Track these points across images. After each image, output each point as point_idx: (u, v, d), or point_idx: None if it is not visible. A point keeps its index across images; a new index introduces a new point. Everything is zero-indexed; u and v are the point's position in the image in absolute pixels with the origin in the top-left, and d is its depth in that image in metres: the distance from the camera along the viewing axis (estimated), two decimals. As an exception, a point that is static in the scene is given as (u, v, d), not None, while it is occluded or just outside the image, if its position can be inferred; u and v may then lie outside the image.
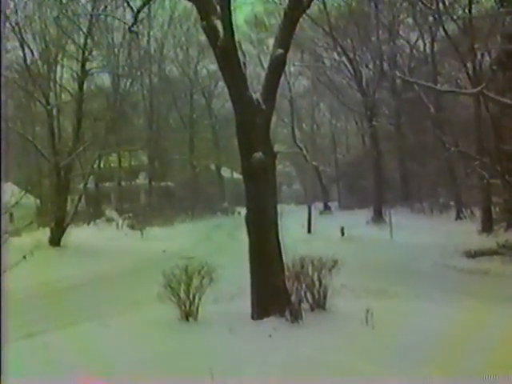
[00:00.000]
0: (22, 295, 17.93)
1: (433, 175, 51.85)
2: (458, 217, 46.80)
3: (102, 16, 41.78)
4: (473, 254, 28.48)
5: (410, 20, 52.57)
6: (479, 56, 42.44)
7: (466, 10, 41.81)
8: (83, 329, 13.09)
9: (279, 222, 13.84)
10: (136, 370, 9.39)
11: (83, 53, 39.81)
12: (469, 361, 9.27)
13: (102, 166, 58.42)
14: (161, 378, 8.92)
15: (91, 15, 38.85)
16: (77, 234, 37.48)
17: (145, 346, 11.03)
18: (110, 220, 51.78)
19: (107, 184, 63.44)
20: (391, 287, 18.16)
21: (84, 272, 25.65)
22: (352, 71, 56.41)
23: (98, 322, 13.45)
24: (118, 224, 49.26)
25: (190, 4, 23.38)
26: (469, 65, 42.02)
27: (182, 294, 12.82)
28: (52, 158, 37.06)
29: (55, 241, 35.37)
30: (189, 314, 12.87)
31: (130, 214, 52.89)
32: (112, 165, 62.76)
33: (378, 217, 51.02)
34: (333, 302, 13.34)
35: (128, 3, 21.76)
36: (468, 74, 42.03)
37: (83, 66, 40.27)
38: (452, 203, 49.84)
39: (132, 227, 47.87)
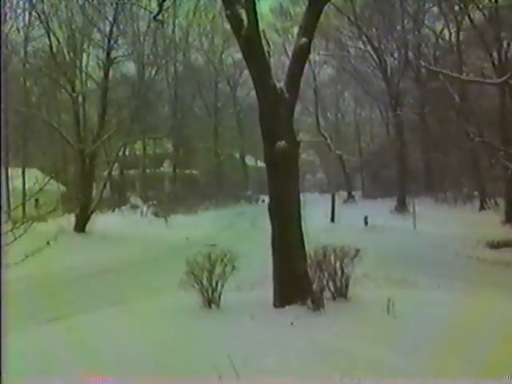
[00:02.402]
0: (48, 280, 18.16)
1: (457, 165, 51.64)
2: (482, 207, 46.57)
3: (128, 5, 41.88)
4: (496, 245, 28.40)
5: (436, 9, 52.29)
6: (505, 45, 42.20)
7: (493, 0, 41.54)
8: (107, 314, 13.25)
9: (302, 211, 13.87)
10: (156, 355, 9.50)
11: (108, 41, 40.00)
12: (487, 351, 9.31)
13: (126, 153, 58.69)
14: (181, 364, 9.01)
15: (116, 4, 39.02)
16: (102, 221, 37.77)
17: (166, 331, 11.13)
18: (134, 207, 52.00)
19: (132, 171, 63.70)
20: (413, 277, 18.20)
21: (108, 258, 25.87)
22: (377, 60, 56.26)
23: (122, 307, 13.62)
24: (142, 211, 49.49)
25: (215, -7, 23.44)
26: (494, 54, 41.82)
27: (205, 281, 12.91)
28: (77, 145, 37.29)
29: (80, 227, 35.66)
30: (211, 301, 12.97)
31: (155, 202, 53.12)
32: (137, 152, 63.06)
33: (402, 206, 50.93)
34: (354, 291, 13.39)
35: (153, -8, 21.89)
36: (493, 63, 41.86)
37: (108, 54, 40.44)
38: (476, 194, 49.59)
39: (156, 214, 48.10)
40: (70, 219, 36.14)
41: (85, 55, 44.06)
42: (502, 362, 8.77)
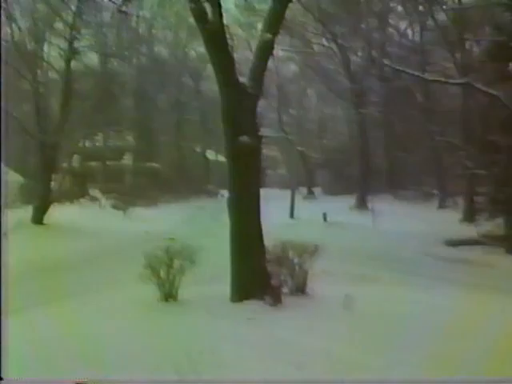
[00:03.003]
0: (3, 273, 17.93)
1: (418, 164, 52.07)
2: (441, 206, 47.08)
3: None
4: (454, 243, 28.77)
5: (400, 8, 52.62)
6: (468, 46, 42.62)
7: (456, 1, 41.98)
8: (63, 306, 13.14)
9: (262, 206, 13.87)
10: (111, 348, 9.44)
11: (71, 31, 39.58)
12: (444, 344, 9.41)
13: (87, 145, 58.26)
14: (137, 358, 8.95)
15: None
16: (60, 213, 37.40)
17: (122, 324, 11.09)
18: (93, 199, 51.60)
19: (92, 163, 63.20)
20: (371, 273, 18.36)
21: (66, 251, 25.64)
22: (341, 58, 56.34)
23: (78, 300, 13.51)
24: (101, 203, 49.15)
25: (179, -15, 23.34)
26: (457, 55, 42.21)
27: (163, 275, 12.87)
28: (37, 136, 36.91)
29: (38, 219, 35.27)
30: (168, 295, 12.92)
31: (114, 194, 52.77)
32: (98, 144, 62.59)
33: (362, 203, 51.15)
34: (313, 287, 13.43)
35: (117, -17, 21.68)
36: (456, 64, 42.22)
37: (71, 44, 40.02)
38: (436, 192, 50.08)
39: (115, 207, 47.77)
40: (29, 211, 35.75)
41: (47, 45, 43.68)
42: (457, 355, 8.88)
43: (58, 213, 36.96)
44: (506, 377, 7.99)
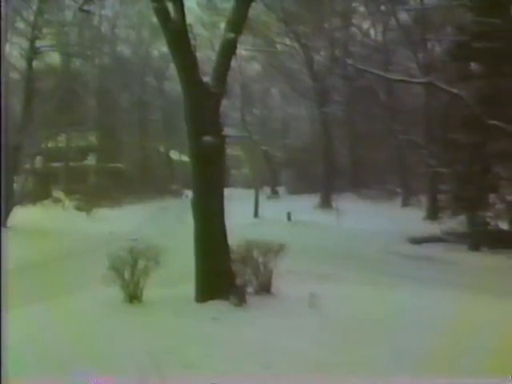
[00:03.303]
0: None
1: (381, 162, 52.39)
2: (405, 204, 47.45)
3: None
4: (417, 241, 29.05)
5: (363, 8, 52.90)
6: (430, 46, 43.03)
7: (419, 1, 42.35)
8: (27, 310, 13.00)
9: (226, 206, 13.86)
10: (75, 350, 9.35)
11: (33, 30, 39.27)
12: (409, 341, 9.49)
13: (50, 146, 57.75)
14: (101, 360, 8.88)
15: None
16: (23, 215, 37.06)
17: (86, 327, 10.99)
18: (56, 201, 51.23)
19: (55, 164, 62.66)
20: (335, 271, 18.41)
21: (29, 253, 25.34)
22: (304, 57, 56.44)
23: (42, 303, 13.38)
24: (64, 205, 48.80)
25: (142, -16, 23.27)
26: (420, 55, 42.59)
27: (127, 276, 12.79)
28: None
29: (0, 221, 34.91)
30: (133, 296, 12.84)
31: (78, 195, 52.40)
32: (61, 145, 62.08)
33: (326, 202, 51.32)
34: (277, 286, 13.45)
35: (79, -19, 21.55)
36: (419, 63, 42.60)
37: (32, 43, 39.72)
38: (399, 190, 50.46)
39: (79, 208, 47.47)
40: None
41: (8, 44, 43.20)
42: (422, 351, 8.95)
43: (21, 215, 36.62)
44: (463, 373, 8.07)
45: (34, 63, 41.51)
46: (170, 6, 12.89)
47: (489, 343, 9.30)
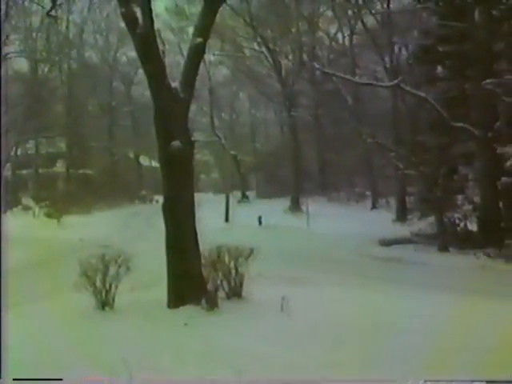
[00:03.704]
0: None
1: (350, 165, 52.64)
2: (374, 206, 47.77)
3: (20, -1, 41.01)
4: (387, 242, 29.30)
5: (330, 13, 53.18)
6: (397, 50, 43.40)
7: (385, 5, 42.72)
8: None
9: (197, 211, 13.88)
10: (46, 358, 9.33)
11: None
12: (379, 343, 9.58)
13: (18, 152, 57.46)
14: (72, 367, 8.86)
15: (8, -2, 38.13)
16: (-8, 223, 36.76)
17: (57, 334, 10.93)
18: (26, 208, 50.93)
19: (24, 171, 62.29)
20: (307, 275, 18.45)
21: (-2, 260, 25.17)
22: (272, 62, 56.60)
23: (12, 310, 13.30)
24: (34, 212, 48.50)
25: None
26: (386, 58, 42.96)
27: (98, 283, 12.76)
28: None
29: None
30: (105, 302, 12.82)
31: (47, 202, 52.08)
32: (29, 152, 61.77)
33: (296, 206, 51.49)
34: (249, 290, 13.47)
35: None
36: (385, 67, 43.01)
37: (-1, 50, 39.47)
38: (368, 193, 50.76)
39: (49, 215, 47.17)
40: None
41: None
42: (393, 352, 9.03)
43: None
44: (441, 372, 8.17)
45: (2, 69, 41.18)
46: (138, 12, 12.90)
47: (459, 342, 9.43)
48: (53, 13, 21.14)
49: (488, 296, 14.18)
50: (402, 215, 39.26)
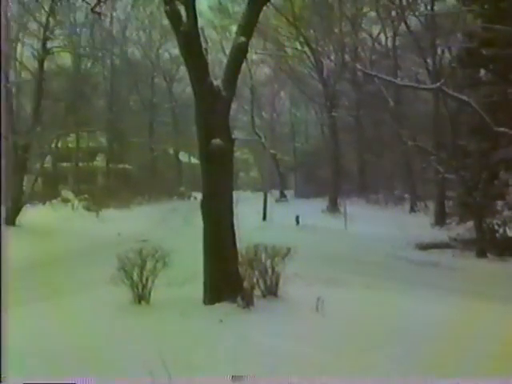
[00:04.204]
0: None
1: (389, 168, 52.44)
2: (412, 209, 47.46)
3: (65, -5, 41.36)
4: (424, 247, 29.11)
5: (373, 13, 52.94)
6: (440, 52, 43.08)
7: (429, 7, 42.48)
8: (35, 308, 13.09)
9: (235, 209, 13.90)
10: (83, 350, 9.43)
11: (44, 31, 39.39)
12: (413, 347, 9.56)
13: (59, 146, 57.97)
14: (109, 361, 8.95)
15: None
16: (32, 214, 37.20)
17: (94, 327, 11.05)
18: (65, 201, 51.31)
19: (65, 164, 62.88)
20: (343, 276, 18.40)
21: (38, 252, 25.43)
22: (314, 62, 56.55)
23: (51, 302, 13.46)
24: (73, 205, 48.93)
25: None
26: (429, 60, 42.69)
27: (135, 277, 12.85)
28: (10, 137, 36.69)
29: (11, 220, 35.06)
30: (141, 297, 12.91)
31: (86, 196, 52.52)
32: (70, 145, 62.35)
33: (334, 206, 51.38)
34: (285, 290, 13.47)
35: (91, -17, 21.59)
36: (428, 69, 42.75)
37: (44, 44, 39.84)
38: (407, 196, 50.47)
39: (88, 208, 47.58)
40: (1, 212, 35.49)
41: (20, 45, 43.45)
42: (426, 358, 9.01)
43: (30, 214, 36.76)
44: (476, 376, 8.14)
45: (45, 64, 41.63)
46: (182, 9, 12.97)
47: (492, 349, 9.38)
48: (97, 9, 21.30)
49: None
50: (440, 219, 38.97)
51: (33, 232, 32.82)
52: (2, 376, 7.54)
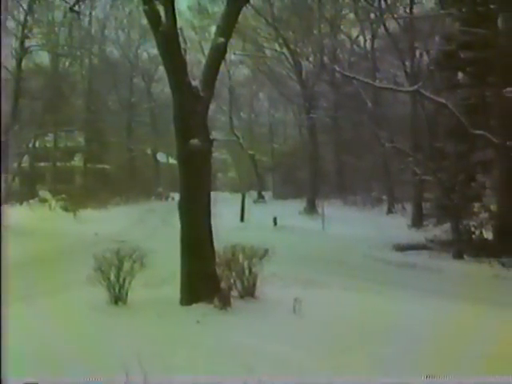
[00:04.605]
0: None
1: (367, 169, 52.58)
2: (390, 211, 47.62)
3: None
4: (402, 248, 29.20)
5: (352, 15, 53.14)
6: (418, 55, 43.31)
7: (407, 10, 42.72)
8: (10, 309, 13.00)
9: (213, 210, 13.92)
10: (59, 351, 9.40)
11: (23, 30, 39.23)
12: (389, 348, 9.61)
13: (37, 145, 57.70)
14: (85, 362, 8.92)
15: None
16: (9, 214, 36.94)
17: (70, 327, 11.01)
18: (43, 201, 51.06)
19: (42, 164, 62.56)
20: (320, 277, 18.41)
21: (14, 253, 25.24)
22: (292, 63, 56.61)
23: (24, 303, 13.38)
24: (50, 205, 48.67)
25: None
26: (407, 63, 42.89)
27: (112, 278, 12.84)
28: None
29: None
30: (118, 297, 12.90)
31: (64, 196, 52.25)
32: (48, 145, 62.03)
33: (311, 208, 51.43)
34: (262, 290, 13.52)
35: (70, -18, 21.50)
36: (406, 71, 42.94)
37: (22, 43, 39.69)
38: (384, 197, 50.65)
39: (65, 209, 47.34)
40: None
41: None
42: (404, 357, 9.06)
43: (7, 214, 36.51)
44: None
45: (24, 63, 41.45)
46: (161, 9, 12.96)
47: (469, 349, 9.44)
48: (76, 8, 21.24)
49: (499, 305, 14.13)
50: (417, 221, 39.14)
51: (9, 232, 32.54)
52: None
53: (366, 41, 56.16)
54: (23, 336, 10.18)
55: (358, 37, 57.76)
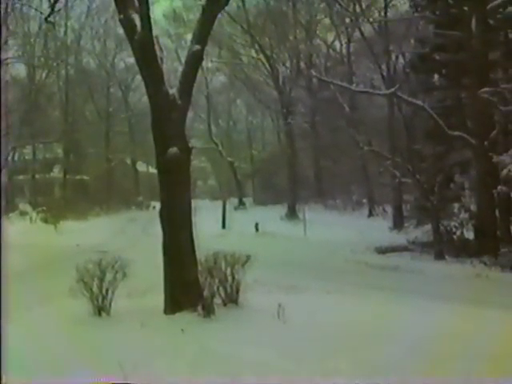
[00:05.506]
0: None
1: (346, 173, 52.72)
2: (371, 214, 47.82)
3: (18, 4, 41.03)
4: (383, 250, 29.36)
5: (327, 20, 53.37)
6: (393, 58, 43.58)
7: (382, 13, 42.98)
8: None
9: (193, 217, 13.89)
10: (44, 364, 9.35)
11: (-2, 42, 39.03)
12: (375, 350, 9.61)
13: (15, 158, 57.42)
14: (69, 372, 8.87)
15: (6, 3, 38.13)
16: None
17: (54, 340, 10.94)
18: (23, 213, 50.79)
19: (21, 177, 62.26)
20: (303, 282, 18.40)
21: (-5, 266, 25.13)
22: (269, 69, 56.78)
23: (7, 315, 13.29)
24: (31, 218, 48.43)
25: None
26: (383, 66, 43.13)
27: (95, 289, 12.76)
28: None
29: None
30: (101, 308, 12.81)
31: (44, 208, 52.01)
32: (26, 157, 61.75)
33: (292, 213, 51.53)
34: (245, 297, 13.49)
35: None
36: (382, 75, 43.19)
37: (-3, 55, 39.47)
38: (365, 201, 50.81)
39: (45, 221, 47.12)
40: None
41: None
42: (388, 360, 9.07)
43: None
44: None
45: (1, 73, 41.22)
46: (137, 18, 12.94)
47: (454, 350, 9.48)
48: (51, 18, 21.17)
49: (482, 305, 14.19)
50: (398, 223, 39.35)
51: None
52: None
53: (341, 45, 56.53)
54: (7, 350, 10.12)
55: (333, 41, 58.11)
